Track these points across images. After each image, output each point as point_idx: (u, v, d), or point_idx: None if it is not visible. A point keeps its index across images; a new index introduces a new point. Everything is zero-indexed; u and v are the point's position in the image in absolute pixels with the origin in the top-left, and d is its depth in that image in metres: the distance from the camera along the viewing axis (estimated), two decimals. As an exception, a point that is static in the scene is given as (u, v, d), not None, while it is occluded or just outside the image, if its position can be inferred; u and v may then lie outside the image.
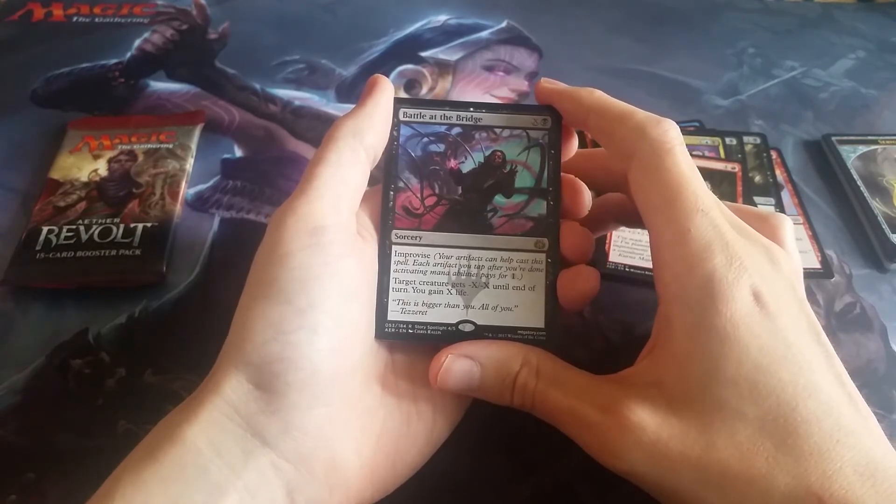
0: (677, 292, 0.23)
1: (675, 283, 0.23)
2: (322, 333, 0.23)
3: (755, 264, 0.23)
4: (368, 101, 0.27)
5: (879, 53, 0.55)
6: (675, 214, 0.23)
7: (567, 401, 0.24)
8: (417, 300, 0.27)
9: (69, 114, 0.45)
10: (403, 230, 0.27)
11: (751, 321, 0.22)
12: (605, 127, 0.26)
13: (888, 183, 0.43)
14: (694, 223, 0.23)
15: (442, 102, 0.29)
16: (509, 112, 0.29)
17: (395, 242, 0.27)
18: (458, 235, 0.27)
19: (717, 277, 0.22)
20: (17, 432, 0.31)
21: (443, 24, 0.54)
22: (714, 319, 0.22)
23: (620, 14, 0.57)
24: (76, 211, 0.38)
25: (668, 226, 0.23)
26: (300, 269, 0.23)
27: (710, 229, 0.23)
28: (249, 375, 0.22)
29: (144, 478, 0.20)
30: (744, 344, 0.21)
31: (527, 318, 0.27)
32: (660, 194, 0.24)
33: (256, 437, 0.22)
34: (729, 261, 0.22)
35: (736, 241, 0.23)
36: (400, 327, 0.26)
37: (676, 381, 0.22)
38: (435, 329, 0.27)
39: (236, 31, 0.52)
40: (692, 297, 0.22)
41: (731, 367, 0.21)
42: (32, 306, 0.35)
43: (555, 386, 0.25)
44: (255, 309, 0.23)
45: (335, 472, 0.23)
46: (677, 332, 0.23)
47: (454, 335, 0.26)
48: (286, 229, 0.23)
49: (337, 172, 0.25)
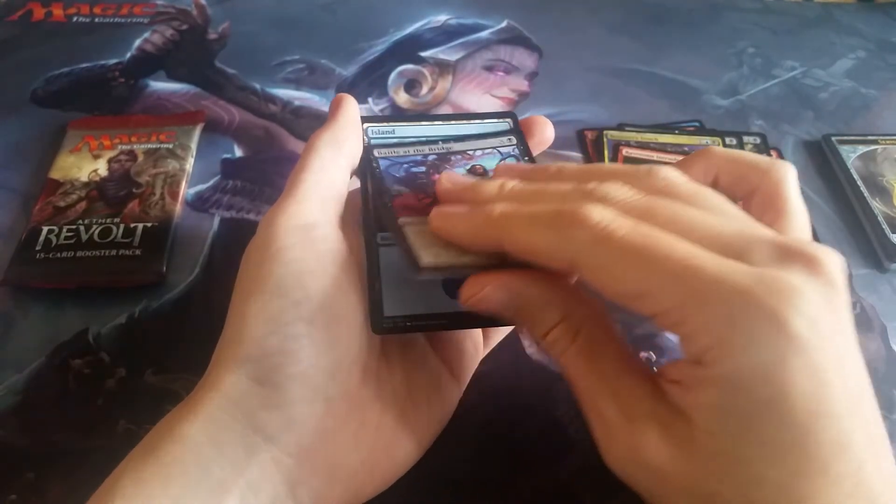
0: (718, 360, 0.19)
1: (718, 349, 0.19)
2: (319, 325, 0.23)
3: (809, 312, 0.18)
4: (339, 115, 0.29)
5: (879, 53, 0.55)
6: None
7: (591, 381, 0.22)
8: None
9: (69, 114, 0.45)
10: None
11: (801, 386, 0.18)
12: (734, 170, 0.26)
13: (888, 183, 0.43)
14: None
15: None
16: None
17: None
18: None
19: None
20: (17, 432, 0.31)
21: (443, 24, 0.54)
22: (762, 390, 0.18)
23: (620, 14, 0.57)
24: (76, 211, 0.38)
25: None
26: (294, 264, 0.23)
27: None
28: (249, 371, 0.22)
29: (145, 476, 0.20)
30: (790, 412, 0.18)
31: None
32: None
33: (258, 433, 0.22)
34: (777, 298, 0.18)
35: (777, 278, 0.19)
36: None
37: (707, 424, 0.19)
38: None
39: (236, 31, 0.52)
40: (741, 370, 0.19)
41: (771, 433, 0.18)
42: (32, 306, 0.35)
43: (587, 356, 0.22)
44: (252, 304, 0.23)
45: (336, 466, 0.24)
46: (722, 392, 0.19)
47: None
48: (278, 227, 0.24)
49: (320, 177, 0.26)
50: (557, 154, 0.44)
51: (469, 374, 0.29)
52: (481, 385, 0.29)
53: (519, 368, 0.34)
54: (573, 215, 0.21)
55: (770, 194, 0.25)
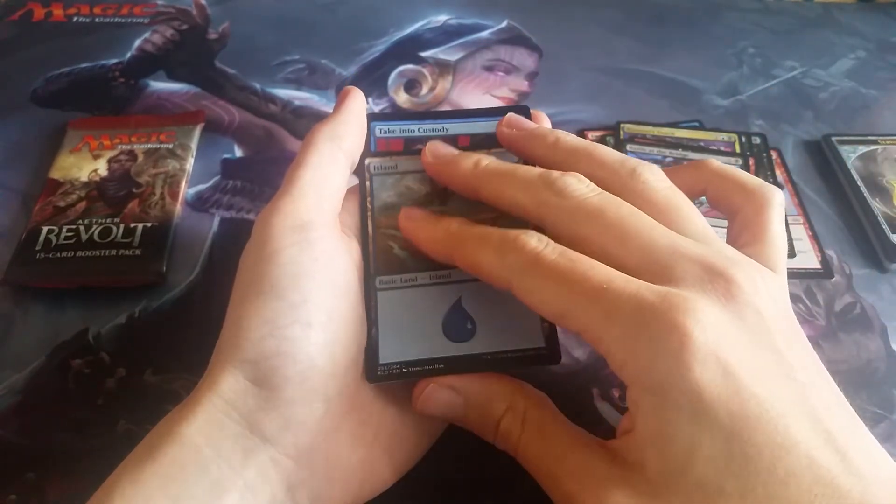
0: (634, 375, 0.21)
1: (633, 363, 0.21)
2: (317, 327, 0.23)
3: (712, 323, 0.20)
4: (343, 108, 0.28)
5: (879, 53, 0.55)
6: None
7: (548, 463, 0.23)
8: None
9: (69, 114, 0.45)
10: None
11: (715, 388, 0.19)
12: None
13: (888, 183, 0.43)
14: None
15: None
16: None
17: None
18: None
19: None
20: (17, 432, 0.31)
21: (443, 24, 0.54)
22: (678, 398, 0.20)
23: (620, 14, 0.57)
24: (76, 211, 0.38)
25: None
26: (290, 265, 0.23)
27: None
28: (247, 372, 0.22)
29: (144, 477, 0.20)
30: (713, 416, 0.19)
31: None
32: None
33: (256, 434, 0.22)
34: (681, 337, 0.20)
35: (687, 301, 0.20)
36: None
37: (656, 463, 0.20)
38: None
39: (236, 31, 0.52)
40: (653, 380, 0.20)
41: (706, 442, 0.19)
42: (32, 306, 0.35)
43: (539, 439, 0.23)
44: (249, 306, 0.23)
45: (335, 467, 0.24)
46: (648, 415, 0.20)
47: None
48: (273, 227, 0.24)
49: (318, 174, 0.26)
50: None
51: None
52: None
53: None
54: (514, 241, 0.23)
55: (750, 217, 0.26)
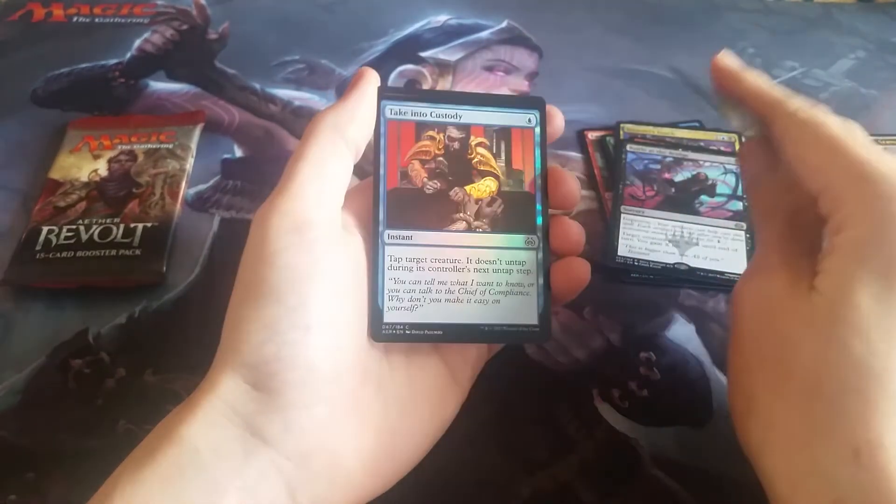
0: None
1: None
2: (316, 331, 0.23)
3: None
4: (352, 93, 0.27)
5: (879, 53, 0.55)
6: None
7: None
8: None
9: (69, 114, 0.45)
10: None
11: None
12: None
13: (888, 183, 0.42)
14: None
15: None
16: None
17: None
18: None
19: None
20: (17, 432, 0.31)
21: (443, 24, 0.54)
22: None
23: (620, 14, 0.57)
24: (76, 211, 0.38)
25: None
26: (288, 269, 0.23)
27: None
28: (246, 376, 0.22)
29: (143, 478, 0.20)
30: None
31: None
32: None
33: (256, 437, 0.22)
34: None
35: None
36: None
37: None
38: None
39: (236, 31, 0.52)
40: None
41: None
42: (32, 306, 0.35)
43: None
44: (247, 310, 0.23)
45: (336, 469, 0.23)
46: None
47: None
48: (270, 227, 0.23)
49: (318, 168, 0.25)
50: (557, 154, 0.44)
51: (472, 378, 0.29)
52: (482, 385, 0.29)
53: (519, 368, 0.34)
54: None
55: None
